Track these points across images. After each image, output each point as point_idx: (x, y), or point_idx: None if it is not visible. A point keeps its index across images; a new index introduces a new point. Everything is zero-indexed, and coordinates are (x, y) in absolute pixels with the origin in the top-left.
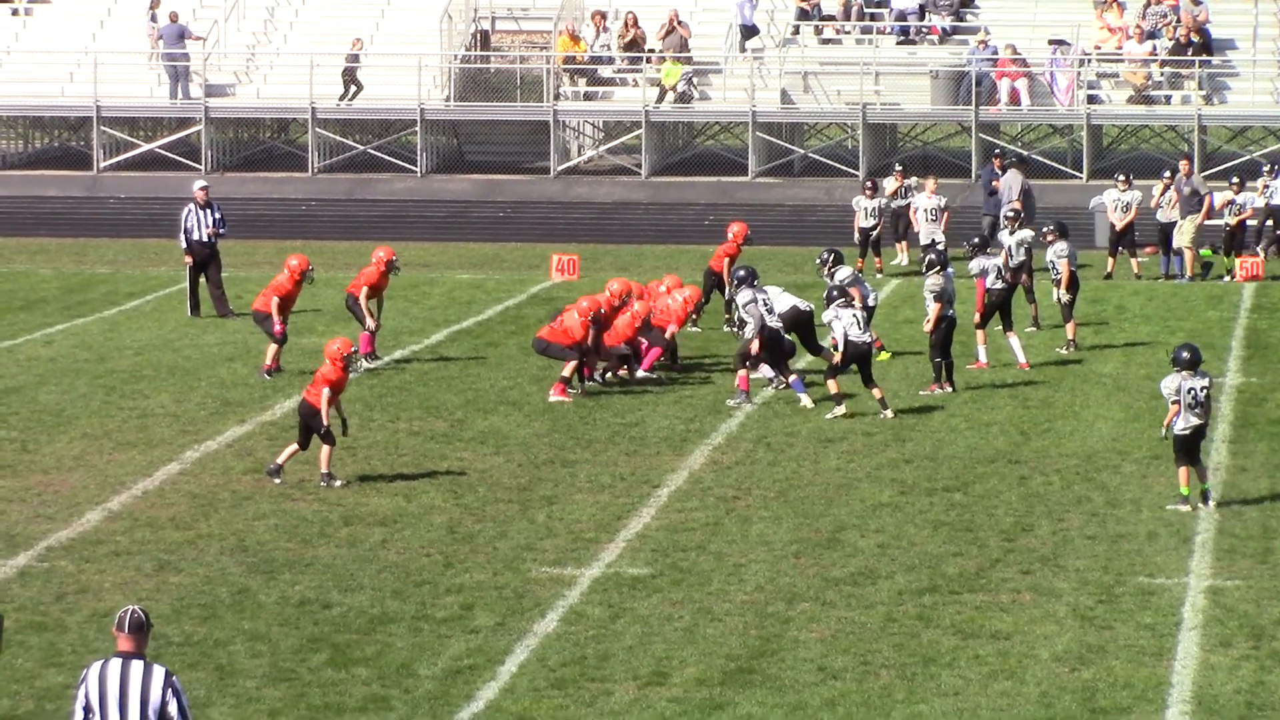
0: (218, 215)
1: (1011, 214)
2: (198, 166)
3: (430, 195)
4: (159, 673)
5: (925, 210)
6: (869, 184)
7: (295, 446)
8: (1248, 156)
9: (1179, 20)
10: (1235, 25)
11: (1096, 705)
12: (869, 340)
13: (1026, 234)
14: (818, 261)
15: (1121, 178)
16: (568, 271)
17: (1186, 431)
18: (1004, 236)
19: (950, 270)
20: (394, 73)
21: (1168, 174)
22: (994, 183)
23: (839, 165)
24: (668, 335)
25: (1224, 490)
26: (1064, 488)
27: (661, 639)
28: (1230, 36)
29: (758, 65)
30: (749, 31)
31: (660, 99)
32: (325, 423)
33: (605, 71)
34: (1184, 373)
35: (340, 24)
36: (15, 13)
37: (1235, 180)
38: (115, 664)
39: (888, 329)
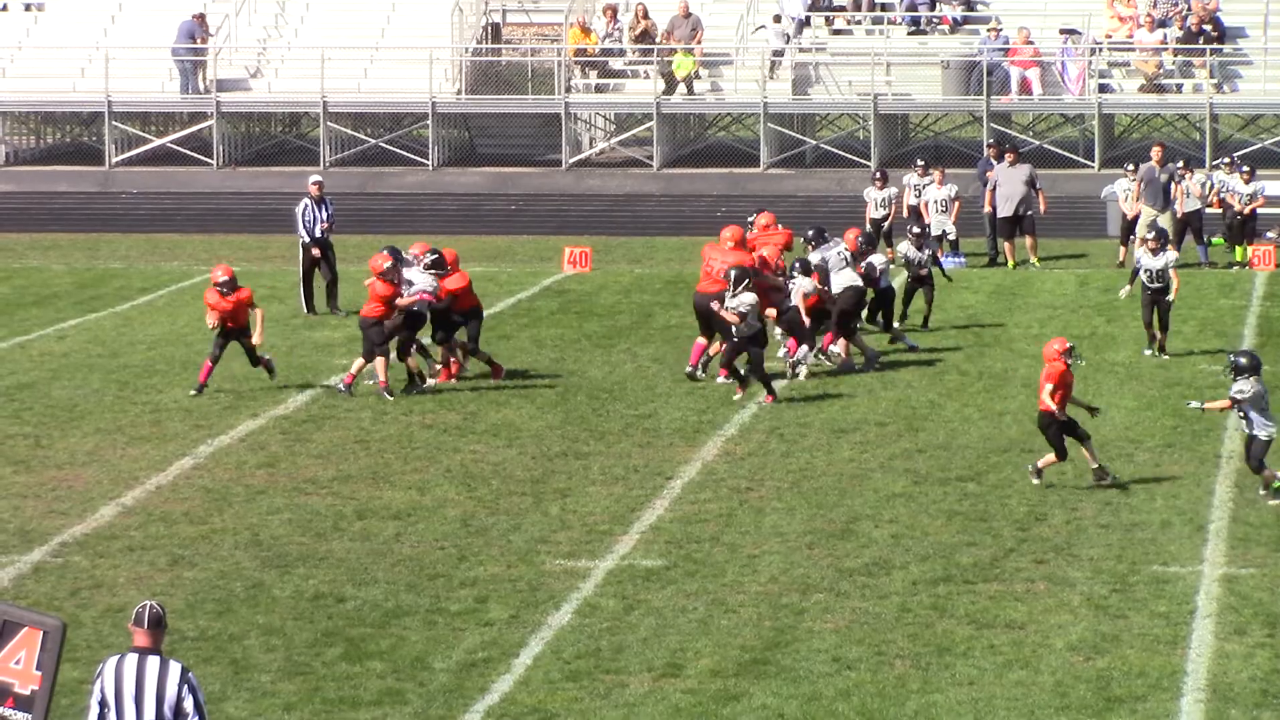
0: (331, 211)
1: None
2: (209, 161)
3: (442, 188)
4: (175, 668)
5: (935, 201)
6: (879, 174)
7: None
8: (1259, 145)
9: (1190, 8)
10: (1246, 13)
11: (1111, 694)
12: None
13: (1171, 255)
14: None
15: (1131, 166)
16: (580, 264)
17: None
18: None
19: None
20: (405, 66)
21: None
22: (987, 173)
23: (850, 156)
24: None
25: (1237, 478)
26: (1077, 477)
27: (676, 630)
28: (1241, 24)
29: (769, 56)
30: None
31: (671, 91)
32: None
33: (616, 64)
34: (1251, 379)
35: (351, 18)
36: (28, 8)
37: (1246, 169)
38: (131, 659)
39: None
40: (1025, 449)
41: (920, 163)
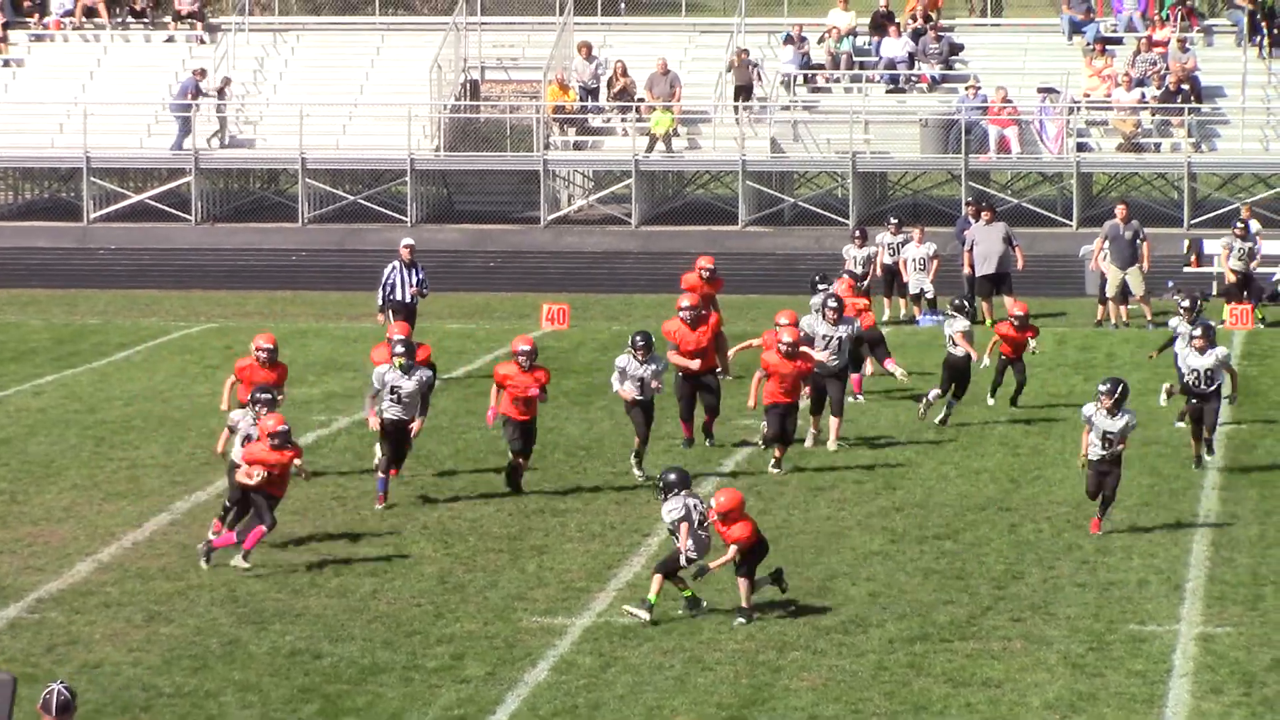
0: (421, 275)
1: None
2: (188, 217)
3: (420, 245)
4: None
5: (914, 260)
6: (858, 232)
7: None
8: (1237, 204)
9: (1168, 68)
10: (1224, 73)
11: None
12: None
13: (1222, 351)
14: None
15: (894, 220)
16: (558, 321)
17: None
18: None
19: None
20: (384, 122)
21: (892, 220)
22: (965, 232)
23: (829, 214)
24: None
25: (1215, 535)
26: (1054, 535)
27: (653, 688)
28: (1219, 84)
29: (747, 114)
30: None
31: (650, 148)
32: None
33: (595, 121)
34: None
35: (330, 74)
36: (6, 64)
37: (1240, 224)
38: None
39: (875, 379)
40: (1003, 507)
41: (893, 220)
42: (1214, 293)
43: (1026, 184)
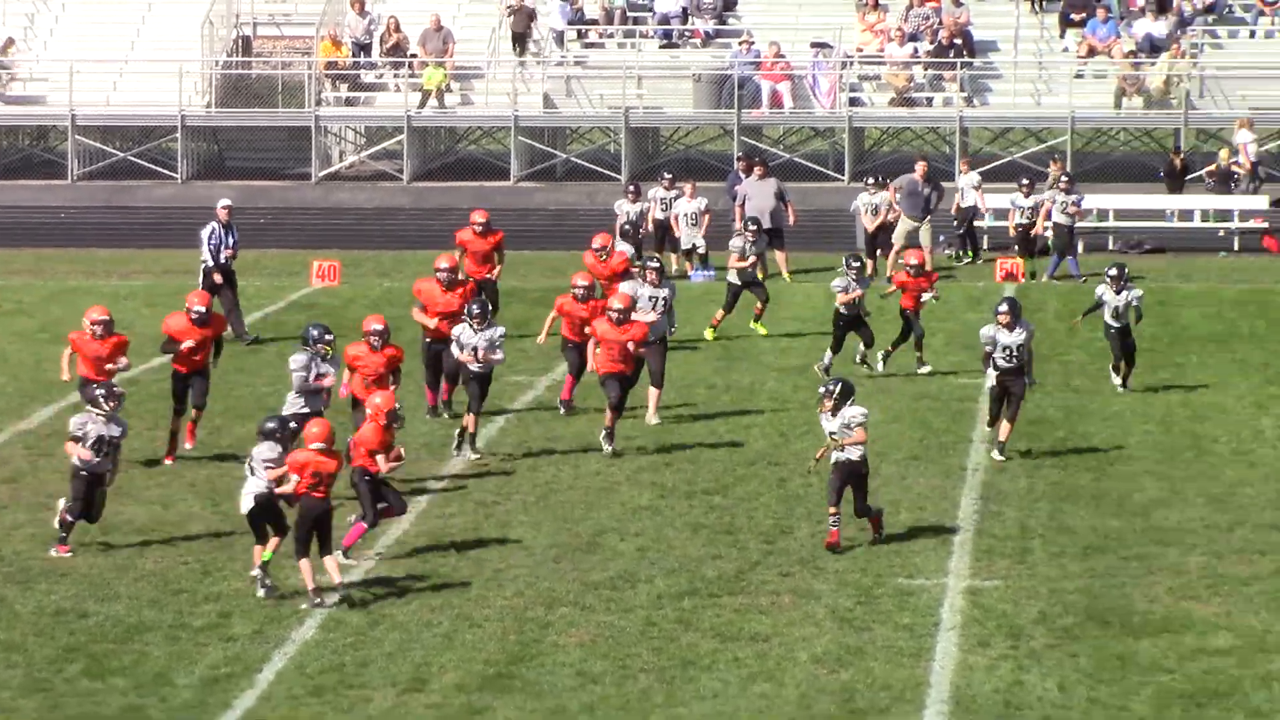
0: (236, 237)
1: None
2: None
3: (191, 202)
4: None
5: (686, 215)
6: (631, 188)
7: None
8: (1009, 158)
9: (941, 22)
10: (997, 27)
11: (855, 706)
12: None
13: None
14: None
15: (871, 180)
16: (328, 278)
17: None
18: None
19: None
20: (155, 79)
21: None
22: (737, 187)
23: (601, 169)
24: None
25: (982, 490)
26: (823, 489)
27: (420, 645)
28: (992, 39)
29: (520, 69)
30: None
31: (423, 104)
32: None
33: (367, 76)
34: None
35: (101, 30)
36: None
37: (1025, 182)
38: None
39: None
40: (772, 462)
41: (667, 175)
42: (984, 245)
43: (799, 139)
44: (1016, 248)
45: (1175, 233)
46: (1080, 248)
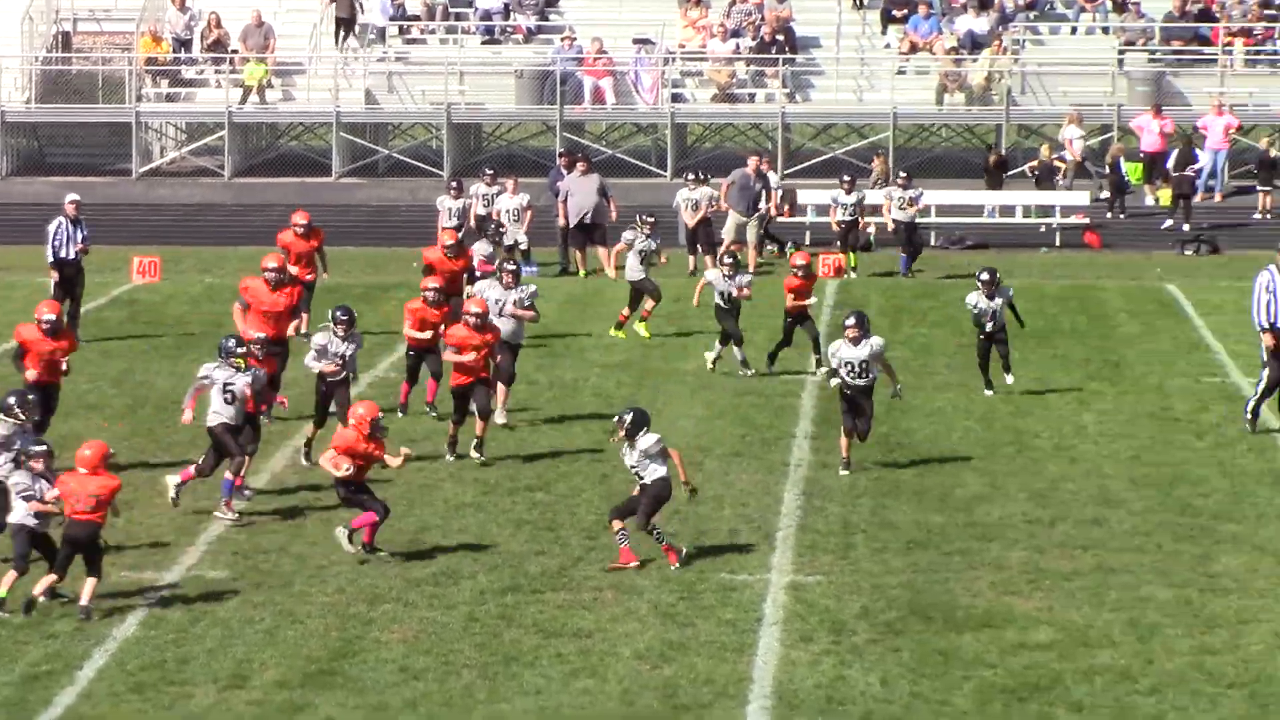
0: (86, 232)
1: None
2: None
3: (10, 198)
4: None
5: (508, 211)
6: (454, 184)
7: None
8: (831, 154)
9: (763, 18)
10: (819, 24)
11: (678, 702)
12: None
13: (877, 341)
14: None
15: (691, 176)
16: (149, 274)
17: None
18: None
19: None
20: None
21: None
22: (558, 183)
23: (424, 165)
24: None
25: (805, 486)
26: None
27: (242, 641)
28: (814, 35)
29: (343, 65)
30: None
31: (244, 100)
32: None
33: (188, 72)
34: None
35: None
36: None
37: (847, 179)
38: None
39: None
40: (595, 459)
41: (489, 171)
42: (806, 241)
43: (621, 135)
44: (839, 243)
45: (998, 228)
46: (913, 244)
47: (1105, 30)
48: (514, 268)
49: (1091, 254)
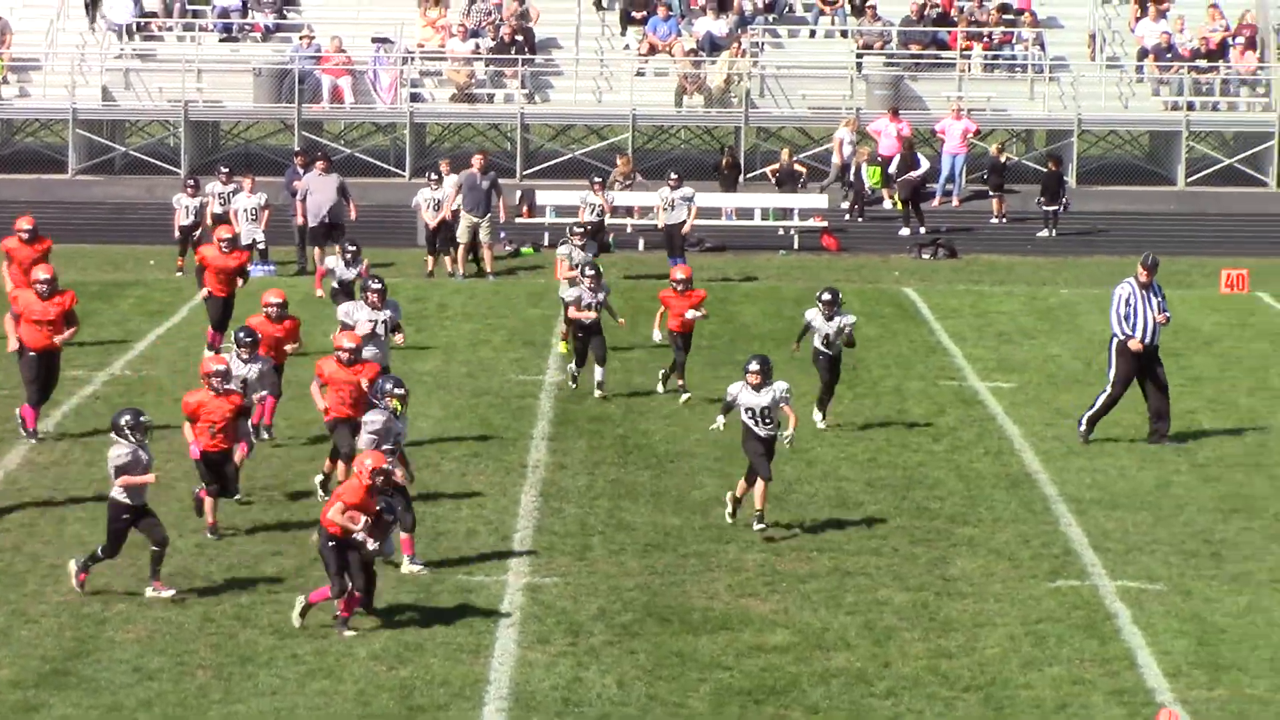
0: None
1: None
2: None
3: None
4: None
5: (245, 210)
6: (190, 182)
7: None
8: (570, 155)
9: (503, 19)
10: (558, 25)
11: (414, 703)
12: None
13: (781, 386)
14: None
15: (434, 176)
16: None
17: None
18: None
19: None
20: None
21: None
22: (295, 183)
23: (161, 163)
24: None
25: (542, 488)
26: None
27: None
28: (554, 35)
29: (80, 61)
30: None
31: None
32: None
33: None
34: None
35: None
36: None
37: (598, 179)
38: None
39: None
40: (313, 458)
41: (224, 170)
42: (546, 242)
43: (360, 134)
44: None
45: (736, 231)
46: (683, 246)
47: (844, 34)
48: (379, 286)
49: (830, 257)
